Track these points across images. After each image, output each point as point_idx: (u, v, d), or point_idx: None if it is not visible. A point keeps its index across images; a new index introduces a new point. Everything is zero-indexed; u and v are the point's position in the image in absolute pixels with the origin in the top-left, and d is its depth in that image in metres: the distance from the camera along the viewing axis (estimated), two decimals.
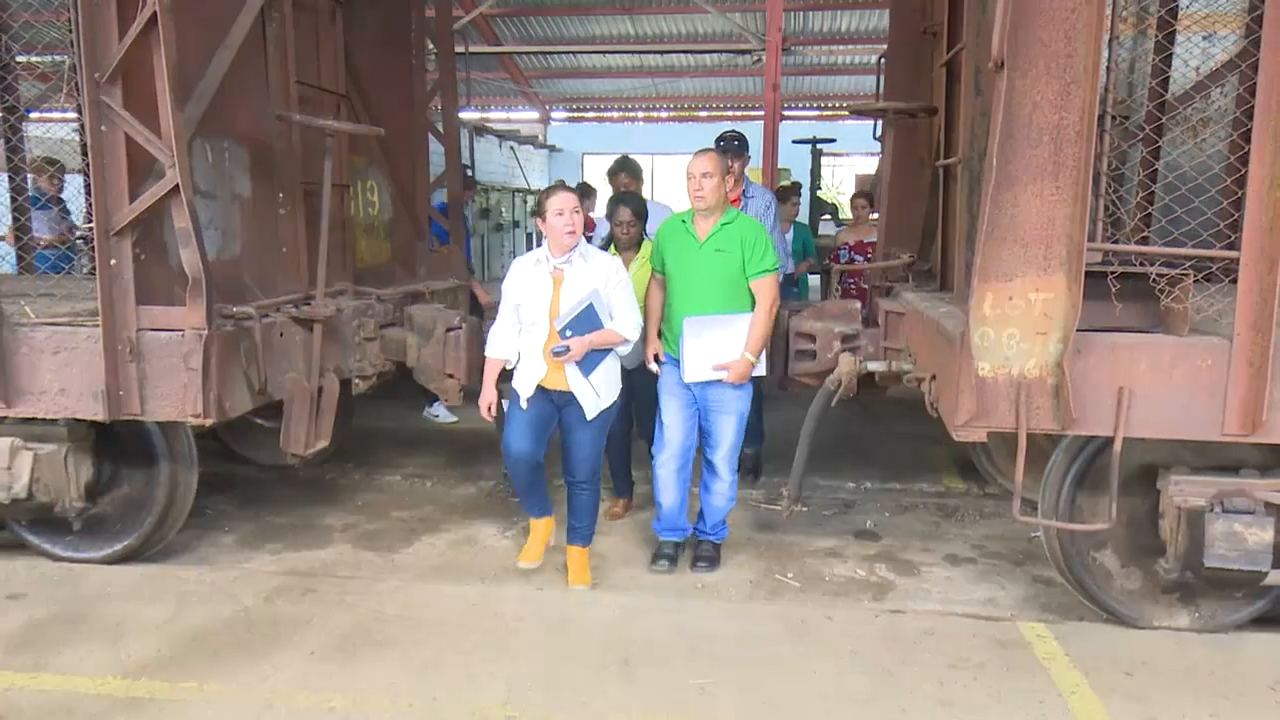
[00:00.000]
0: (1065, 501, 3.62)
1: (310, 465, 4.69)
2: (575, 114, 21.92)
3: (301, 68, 4.67)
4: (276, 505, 5.18)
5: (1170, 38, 4.42)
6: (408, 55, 6.12)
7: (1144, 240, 4.00)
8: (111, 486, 4.16)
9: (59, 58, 5.31)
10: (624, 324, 3.93)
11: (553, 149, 22.07)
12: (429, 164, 6.43)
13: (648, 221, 4.72)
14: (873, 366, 4.30)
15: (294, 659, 3.32)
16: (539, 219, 3.96)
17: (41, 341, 3.76)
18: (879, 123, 5.94)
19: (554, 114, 21.94)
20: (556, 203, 3.86)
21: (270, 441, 4.66)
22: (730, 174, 4.73)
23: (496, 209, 17.08)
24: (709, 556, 4.37)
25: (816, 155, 13.71)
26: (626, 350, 4.06)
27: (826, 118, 19.10)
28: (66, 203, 6.73)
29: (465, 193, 7.54)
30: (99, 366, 3.67)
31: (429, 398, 6.79)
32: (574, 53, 17.41)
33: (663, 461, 4.25)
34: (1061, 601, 3.98)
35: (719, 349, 4.08)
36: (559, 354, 3.83)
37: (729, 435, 4.20)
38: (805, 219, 11.09)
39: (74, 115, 6.04)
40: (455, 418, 6.91)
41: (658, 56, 17.04)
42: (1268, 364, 3.15)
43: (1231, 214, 3.68)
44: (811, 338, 4.58)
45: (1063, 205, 3.12)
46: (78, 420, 3.87)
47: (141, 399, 3.72)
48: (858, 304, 4.85)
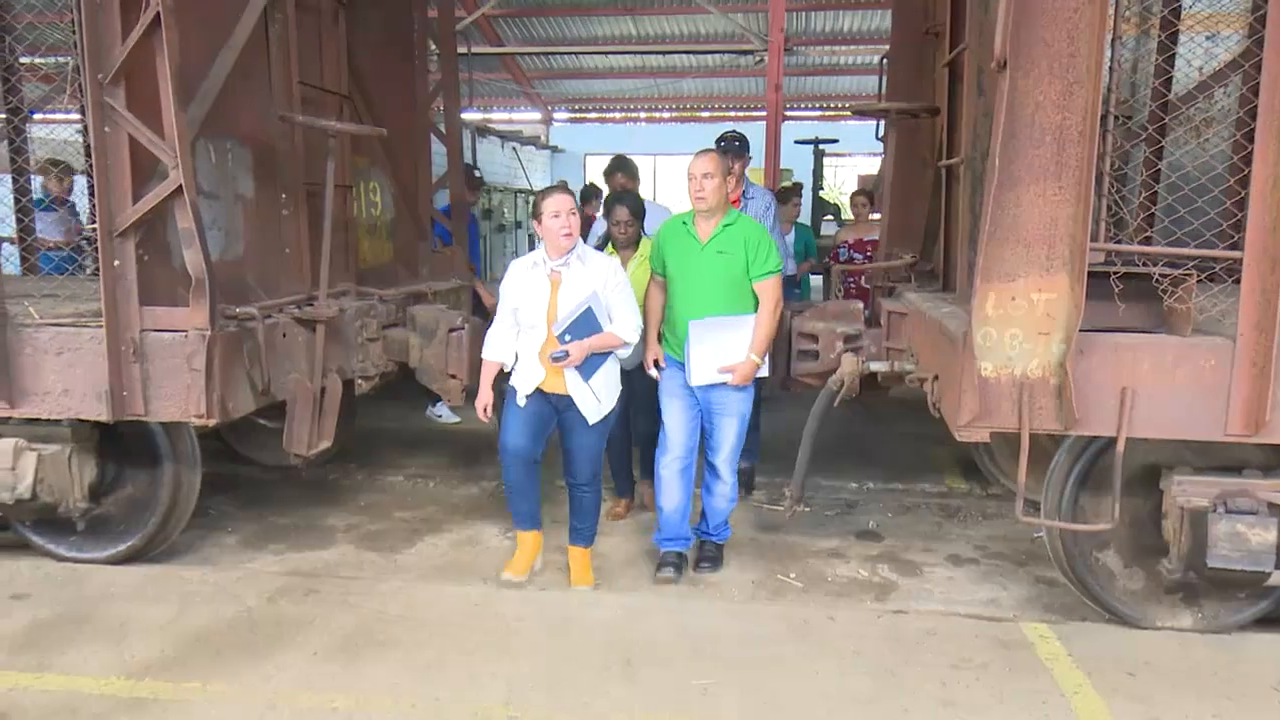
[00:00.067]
0: (1068, 502, 3.62)
1: (313, 466, 4.70)
2: (577, 115, 21.90)
3: (304, 68, 4.68)
4: (279, 506, 5.19)
5: (1173, 37, 4.43)
6: (410, 56, 6.13)
7: (1147, 240, 3.98)
8: (115, 487, 4.17)
9: (62, 59, 5.31)
10: (623, 327, 3.92)
11: (555, 150, 22.03)
12: (431, 164, 6.44)
13: (645, 222, 4.72)
14: (875, 367, 4.29)
15: (297, 659, 3.32)
16: (535, 221, 3.95)
17: (45, 342, 3.76)
18: (881, 123, 5.94)
19: (556, 115, 21.92)
20: (553, 204, 3.84)
21: (273, 442, 4.65)
22: (731, 175, 4.72)
23: (499, 210, 17.08)
24: (711, 557, 4.37)
25: (819, 156, 13.72)
26: (626, 353, 4.04)
27: (829, 118, 19.05)
28: (74, 204, 6.75)
29: (473, 193, 7.55)
30: (103, 367, 3.67)
31: (431, 398, 6.79)
32: (576, 53, 17.42)
33: (666, 463, 4.23)
34: (1064, 602, 3.97)
35: (724, 351, 4.07)
36: (558, 359, 3.82)
37: (731, 437, 4.20)
38: (807, 220, 11.09)
39: (77, 117, 6.04)
40: (458, 418, 6.92)
41: (660, 57, 17.05)
42: (1271, 364, 3.14)
43: (1235, 214, 3.68)
44: (814, 338, 4.58)
45: (1065, 205, 3.12)
46: (81, 421, 3.88)
47: (145, 399, 3.72)
48: (860, 304, 4.85)
